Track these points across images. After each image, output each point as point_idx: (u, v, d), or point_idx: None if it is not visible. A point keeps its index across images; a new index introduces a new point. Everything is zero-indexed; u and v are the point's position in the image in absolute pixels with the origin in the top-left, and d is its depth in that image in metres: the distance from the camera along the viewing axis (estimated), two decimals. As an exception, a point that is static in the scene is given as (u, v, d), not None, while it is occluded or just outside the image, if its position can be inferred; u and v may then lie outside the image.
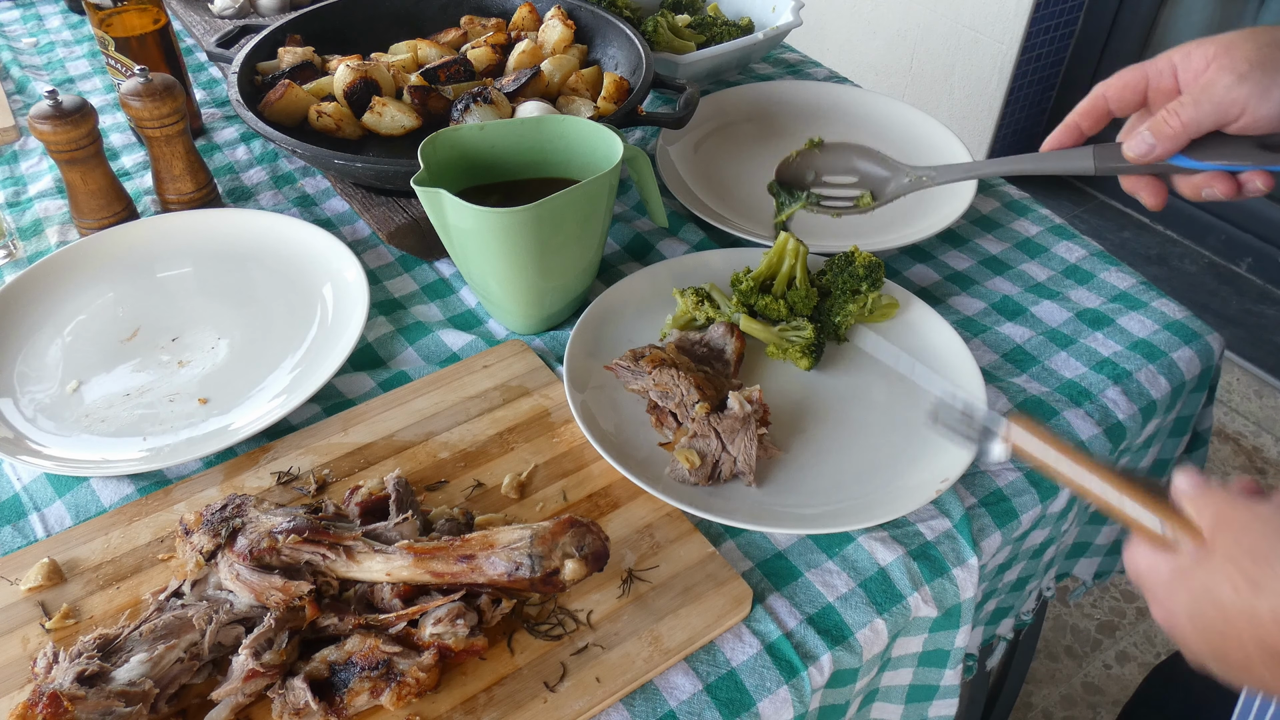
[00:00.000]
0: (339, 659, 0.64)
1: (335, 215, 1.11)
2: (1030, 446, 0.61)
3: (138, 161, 1.20)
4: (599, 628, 0.69)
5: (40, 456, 0.81)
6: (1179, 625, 0.55)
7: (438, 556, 0.65)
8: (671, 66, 1.25)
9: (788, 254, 0.91)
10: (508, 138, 0.93)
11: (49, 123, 0.96)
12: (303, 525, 0.66)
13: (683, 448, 0.79)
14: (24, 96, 1.33)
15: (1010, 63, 2.59)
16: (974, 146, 2.81)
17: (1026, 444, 0.61)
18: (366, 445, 0.82)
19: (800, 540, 0.77)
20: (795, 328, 0.89)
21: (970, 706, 1.19)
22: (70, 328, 0.95)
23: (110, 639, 0.63)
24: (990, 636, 0.97)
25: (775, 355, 0.90)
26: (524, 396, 0.86)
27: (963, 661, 0.79)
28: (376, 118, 1.08)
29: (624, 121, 1.04)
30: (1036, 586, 0.97)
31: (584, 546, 0.65)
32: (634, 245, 1.07)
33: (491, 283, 0.90)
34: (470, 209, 0.81)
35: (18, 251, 1.06)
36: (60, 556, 0.73)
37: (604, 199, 0.88)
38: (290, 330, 0.94)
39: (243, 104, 1.05)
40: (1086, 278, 1.03)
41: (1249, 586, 0.50)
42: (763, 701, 0.67)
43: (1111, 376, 0.91)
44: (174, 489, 0.79)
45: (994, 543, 0.78)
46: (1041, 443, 0.61)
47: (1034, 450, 0.61)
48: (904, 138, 1.21)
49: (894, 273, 1.03)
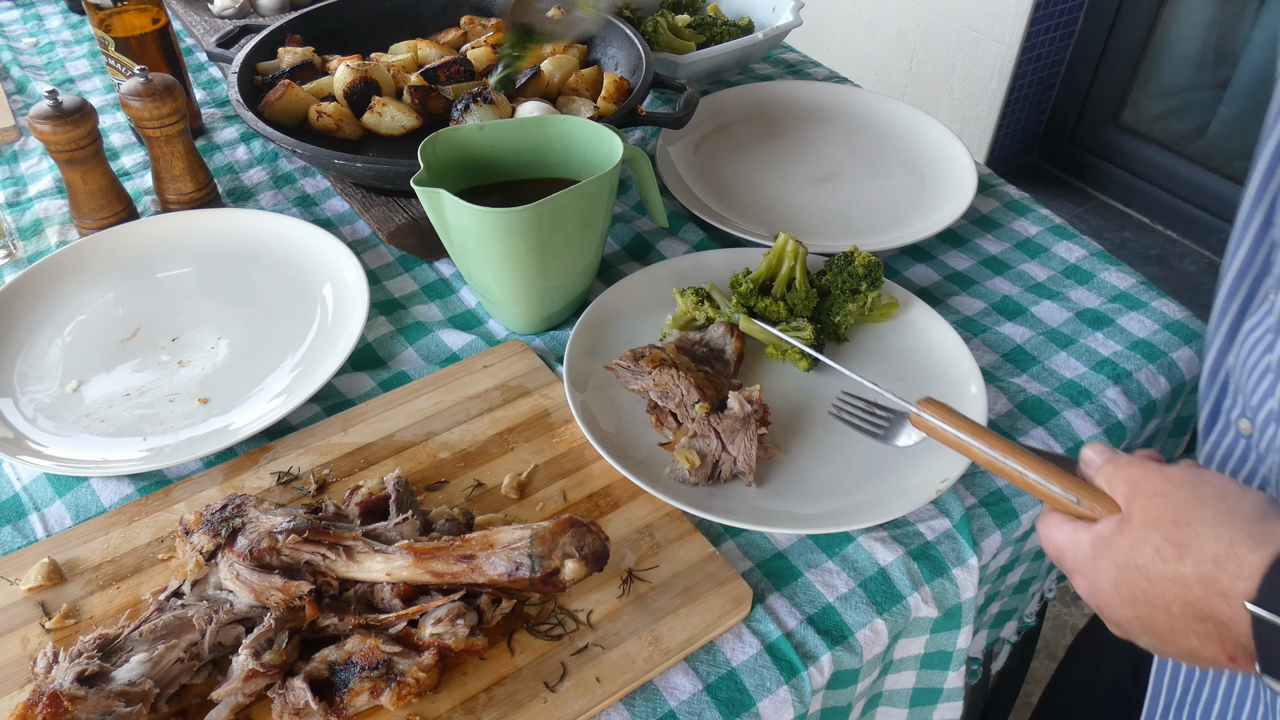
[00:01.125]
0: (339, 659, 0.64)
1: (335, 215, 1.11)
2: (940, 429, 0.63)
3: (138, 161, 1.20)
4: (599, 628, 0.69)
5: (40, 456, 0.81)
6: (1104, 596, 0.55)
7: (438, 556, 0.65)
8: (671, 66, 1.25)
9: (787, 255, 0.91)
10: (508, 138, 0.93)
11: (49, 123, 0.96)
12: (303, 525, 0.66)
13: (683, 448, 0.79)
14: (24, 96, 1.33)
15: (1010, 63, 2.59)
16: (974, 146, 2.81)
17: (935, 427, 0.63)
18: (366, 445, 0.82)
19: (800, 540, 0.77)
20: (795, 328, 0.89)
21: (970, 708, 1.19)
22: (70, 328, 0.95)
23: (110, 639, 0.63)
24: (994, 640, 0.97)
25: (775, 356, 0.90)
26: (524, 396, 0.86)
27: (967, 665, 0.79)
28: (376, 118, 1.08)
29: (624, 121, 1.04)
30: (1039, 588, 0.97)
31: (584, 546, 0.64)
32: (634, 245, 1.07)
33: (491, 283, 0.90)
34: (470, 209, 0.81)
35: (18, 251, 1.06)
36: (60, 556, 0.73)
37: (604, 199, 0.88)
38: (290, 330, 0.94)
39: (243, 104, 1.05)
40: (1086, 278, 1.03)
41: (1173, 550, 0.50)
42: (763, 701, 0.67)
43: (1111, 376, 0.91)
44: (174, 489, 0.79)
45: (994, 543, 0.78)
46: (950, 425, 0.63)
47: (944, 432, 0.63)
48: (904, 138, 1.21)
49: (894, 273, 1.03)
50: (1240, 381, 0.70)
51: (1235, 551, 0.48)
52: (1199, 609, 0.50)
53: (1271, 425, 0.65)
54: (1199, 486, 0.52)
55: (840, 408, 0.75)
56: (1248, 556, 0.48)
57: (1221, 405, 0.74)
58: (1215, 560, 0.49)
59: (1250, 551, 0.48)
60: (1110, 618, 0.56)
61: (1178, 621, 0.51)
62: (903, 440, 0.71)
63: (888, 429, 0.72)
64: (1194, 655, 0.53)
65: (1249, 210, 0.69)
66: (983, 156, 2.82)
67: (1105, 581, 0.54)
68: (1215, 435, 0.75)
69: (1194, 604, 0.50)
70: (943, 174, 1.14)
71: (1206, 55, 2.62)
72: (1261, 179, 0.66)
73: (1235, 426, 0.72)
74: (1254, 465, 0.71)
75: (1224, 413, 0.74)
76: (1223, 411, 0.74)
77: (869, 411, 0.74)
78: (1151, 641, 0.55)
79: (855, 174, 1.16)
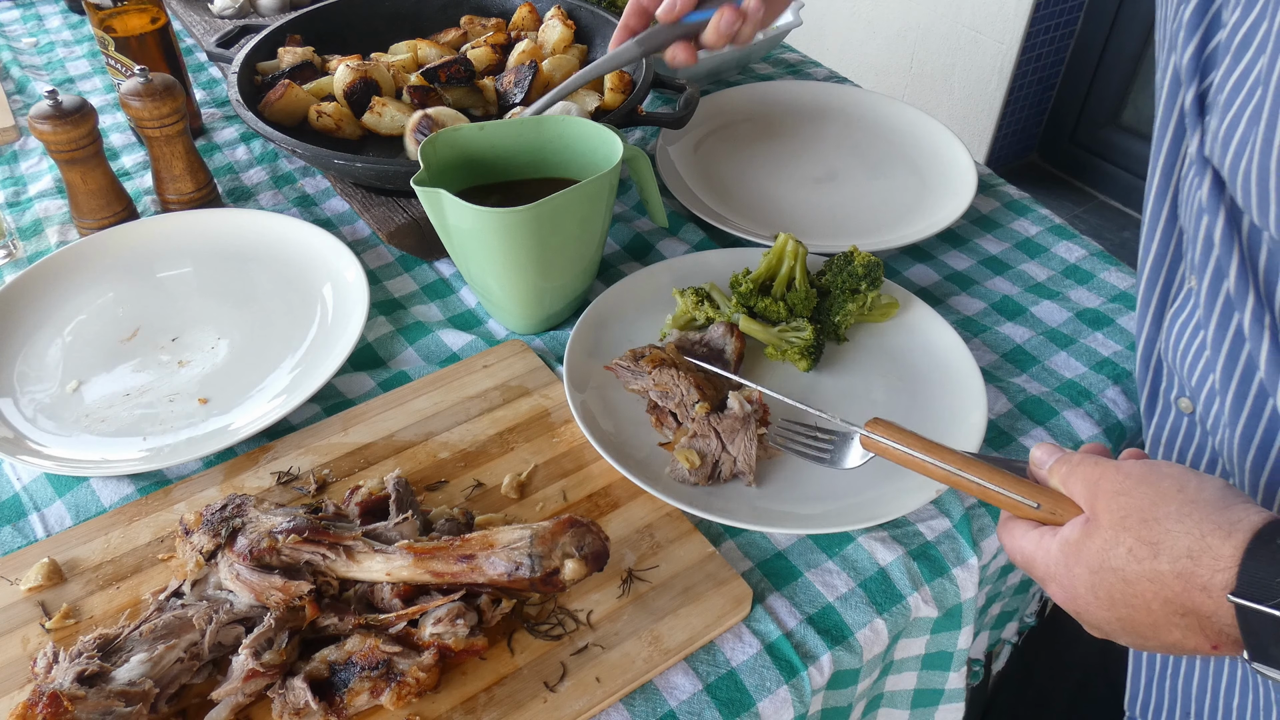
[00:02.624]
0: (339, 659, 0.64)
1: (335, 215, 1.11)
2: (890, 448, 0.63)
3: (138, 161, 1.20)
4: (599, 628, 0.69)
5: (40, 456, 0.81)
6: (1081, 601, 0.54)
7: (438, 556, 0.65)
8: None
9: (787, 255, 0.91)
10: (508, 138, 0.93)
11: (49, 123, 0.96)
12: (303, 525, 0.66)
13: (683, 448, 0.79)
14: (24, 96, 1.33)
15: (1010, 63, 2.59)
16: (974, 146, 2.81)
17: (885, 446, 0.63)
18: (366, 445, 0.82)
19: (800, 540, 0.77)
20: (795, 329, 0.89)
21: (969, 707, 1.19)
22: (70, 328, 0.95)
23: (110, 639, 0.63)
24: (996, 641, 0.97)
25: (774, 356, 0.90)
26: (524, 396, 0.86)
27: (968, 666, 0.79)
28: (376, 118, 1.08)
29: (624, 121, 1.04)
30: (1040, 589, 0.97)
31: (584, 546, 0.64)
32: (634, 245, 1.07)
33: (491, 283, 0.90)
34: (470, 209, 0.81)
35: (18, 251, 1.06)
36: (60, 556, 0.73)
37: (604, 199, 0.88)
38: (290, 330, 0.94)
39: (243, 104, 1.05)
40: (1086, 278, 1.03)
41: (1146, 549, 0.50)
42: (763, 701, 0.67)
43: (1111, 376, 0.91)
44: (174, 489, 0.79)
45: (994, 543, 0.78)
46: (898, 443, 0.62)
47: (895, 450, 0.62)
48: (904, 138, 1.21)
49: (894, 273, 1.03)
50: (1175, 364, 0.71)
51: (1208, 543, 0.49)
52: (1180, 604, 0.50)
53: (1215, 400, 0.66)
54: (1156, 481, 0.52)
55: (783, 435, 0.75)
56: (1220, 547, 0.48)
57: (1159, 389, 0.75)
58: (1190, 554, 0.49)
59: (1222, 541, 0.48)
60: (1089, 621, 0.56)
61: (1159, 618, 0.51)
62: (849, 462, 0.71)
63: (833, 452, 0.72)
64: (1176, 647, 0.53)
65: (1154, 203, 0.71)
66: (983, 156, 2.82)
67: (1081, 586, 0.54)
68: (1157, 419, 0.76)
69: (1174, 600, 0.50)
70: (943, 174, 1.14)
71: (1206, 55, 2.62)
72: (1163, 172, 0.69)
73: (1175, 407, 0.73)
74: (1200, 441, 0.71)
75: (1161, 395, 0.75)
76: (1160, 394, 0.75)
77: (811, 436, 0.74)
78: (1132, 640, 0.55)
79: (855, 174, 1.16)
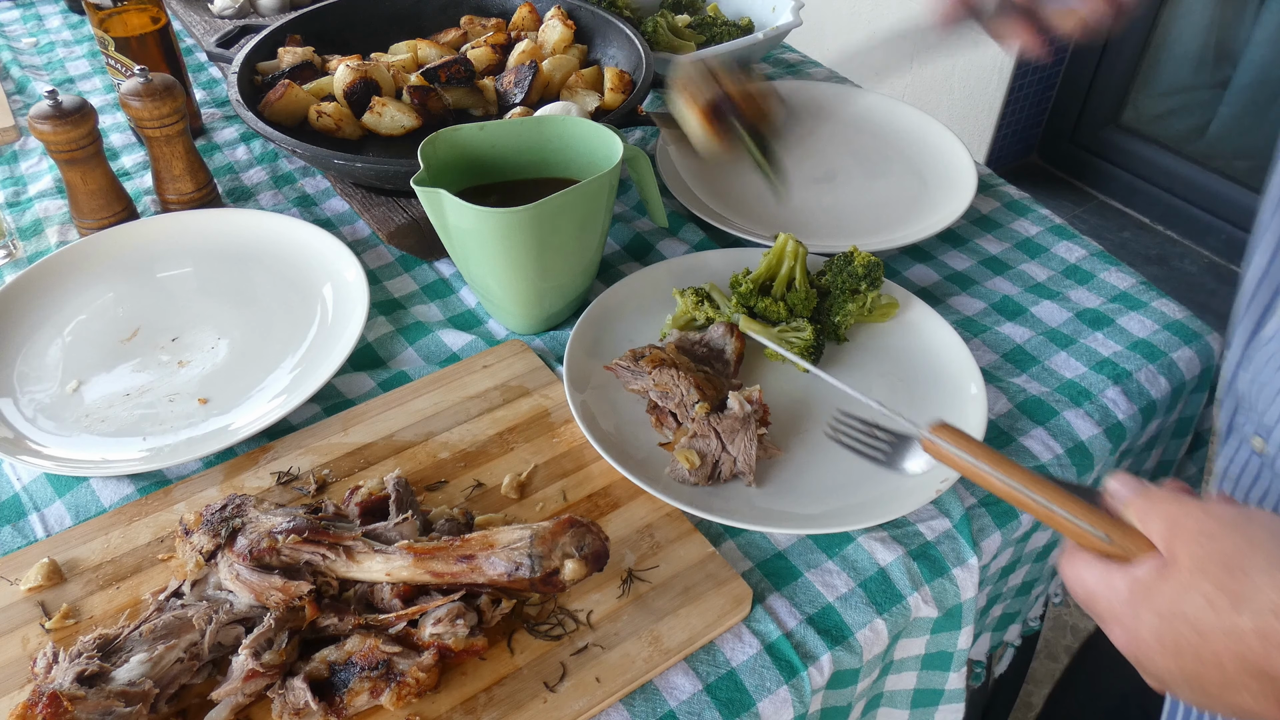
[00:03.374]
0: (339, 659, 0.64)
1: (335, 215, 1.11)
2: (955, 456, 0.58)
3: (138, 161, 1.20)
4: (599, 628, 0.69)
5: (40, 456, 0.81)
6: (1145, 648, 0.49)
7: (438, 556, 0.65)
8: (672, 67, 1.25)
9: (787, 255, 0.91)
10: (508, 138, 0.93)
11: (49, 123, 0.96)
12: (303, 525, 0.66)
13: (683, 448, 0.79)
14: (24, 96, 1.33)
15: (1010, 63, 2.59)
16: (974, 146, 2.81)
17: (949, 454, 0.58)
18: (366, 445, 0.82)
19: (800, 540, 0.77)
20: (795, 329, 0.89)
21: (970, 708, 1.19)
22: (70, 328, 0.94)
23: (110, 639, 0.63)
24: (997, 643, 0.97)
25: (774, 356, 0.89)
26: (524, 396, 0.86)
27: (970, 667, 0.79)
28: (376, 118, 1.08)
29: (624, 121, 1.04)
30: (1043, 591, 0.97)
31: (584, 546, 0.64)
32: (634, 245, 1.07)
33: (491, 283, 0.90)
34: (470, 209, 0.81)
35: (18, 251, 1.06)
36: (60, 556, 0.73)
37: (604, 199, 0.88)
38: (290, 330, 0.94)
39: (243, 104, 1.05)
40: (1086, 278, 1.03)
41: (1226, 600, 0.46)
42: (763, 702, 0.67)
43: (1111, 376, 0.91)
44: (174, 489, 0.79)
45: (994, 543, 0.78)
46: (964, 451, 0.57)
47: (960, 460, 0.57)
48: (904, 138, 1.21)
49: (894, 273, 1.03)
50: (1253, 397, 0.66)
51: None
52: (1256, 666, 0.45)
53: None
54: (1247, 527, 0.47)
55: (838, 429, 0.68)
56: None
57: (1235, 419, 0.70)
58: (1276, 612, 0.44)
59: None
60: (1150, 670, 0.51)
61: (1230, 677, 0.47)
62: (911, 466, 0.65)
63: (892, 453, 0.67)
64: (1243, 711, 0.48)
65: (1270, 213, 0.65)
66: (983, 156, 2.82)
67: (1146, 632, 0.49)
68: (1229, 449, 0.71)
69: (1251, 660, 0.45)
70: (943, 174, 1.14)
71: (1206, 55, 2.62)
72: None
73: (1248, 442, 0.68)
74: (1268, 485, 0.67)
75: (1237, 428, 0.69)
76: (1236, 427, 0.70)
77: (869, 434, 0.68)
78: (1195, 697, 0.50)
79: (855, 174, 1.16)
